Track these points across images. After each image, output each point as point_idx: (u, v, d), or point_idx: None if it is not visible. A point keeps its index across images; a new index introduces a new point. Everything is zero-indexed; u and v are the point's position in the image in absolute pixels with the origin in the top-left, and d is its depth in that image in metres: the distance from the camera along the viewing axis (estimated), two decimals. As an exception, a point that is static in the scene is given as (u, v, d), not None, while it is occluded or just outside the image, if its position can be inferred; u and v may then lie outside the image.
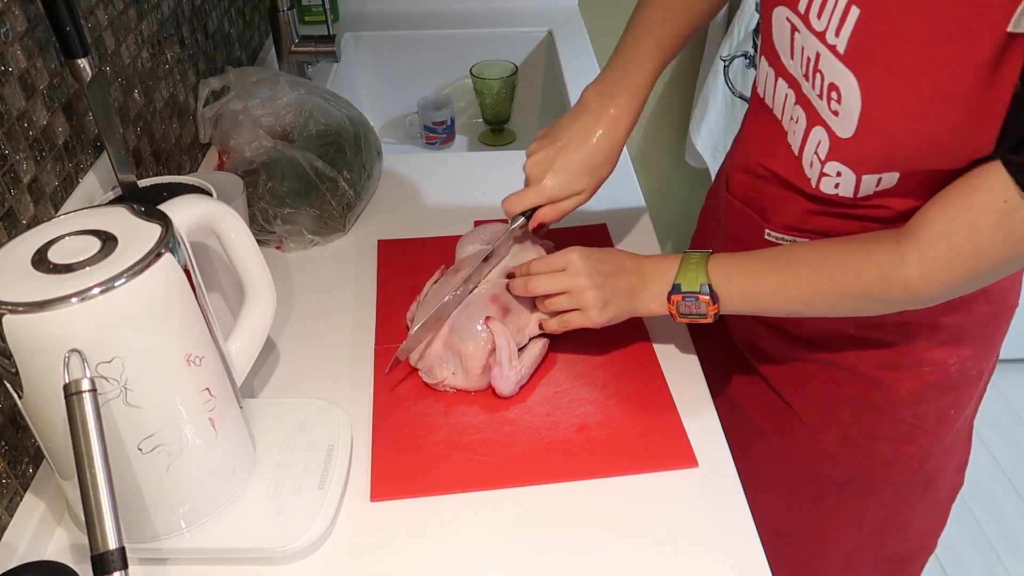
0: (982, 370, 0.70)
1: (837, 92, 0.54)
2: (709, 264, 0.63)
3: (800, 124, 0.60)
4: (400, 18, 1.45)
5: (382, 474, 0.62)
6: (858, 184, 0.57)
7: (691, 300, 0.63)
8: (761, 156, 0.67)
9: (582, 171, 0.70)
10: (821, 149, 0.58)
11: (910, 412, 0.69)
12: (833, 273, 0.59)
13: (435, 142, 1.35)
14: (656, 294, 0.65)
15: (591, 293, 0.65)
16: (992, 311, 0.67)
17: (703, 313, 0.64)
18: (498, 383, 0.67)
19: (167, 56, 0.91)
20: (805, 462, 0.75)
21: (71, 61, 0.59)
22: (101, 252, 0.48)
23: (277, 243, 0.88)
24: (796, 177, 0.63)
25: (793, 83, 0.60)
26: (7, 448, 0.58)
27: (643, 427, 0.66)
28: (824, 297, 0.60)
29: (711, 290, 0.63)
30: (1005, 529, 1.55)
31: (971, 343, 0.67)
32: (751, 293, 0.63)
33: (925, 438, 0.71)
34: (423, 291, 0.76)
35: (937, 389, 0.68)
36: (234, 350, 0.61)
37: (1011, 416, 1.78)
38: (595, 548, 0.57)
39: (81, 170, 0.70)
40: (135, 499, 0.52)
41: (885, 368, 0.68)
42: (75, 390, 0.44)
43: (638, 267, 0.67)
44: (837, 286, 0.59)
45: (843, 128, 0.55)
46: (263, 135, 0.89)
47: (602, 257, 0.67)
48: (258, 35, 1.30)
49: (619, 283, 0.66)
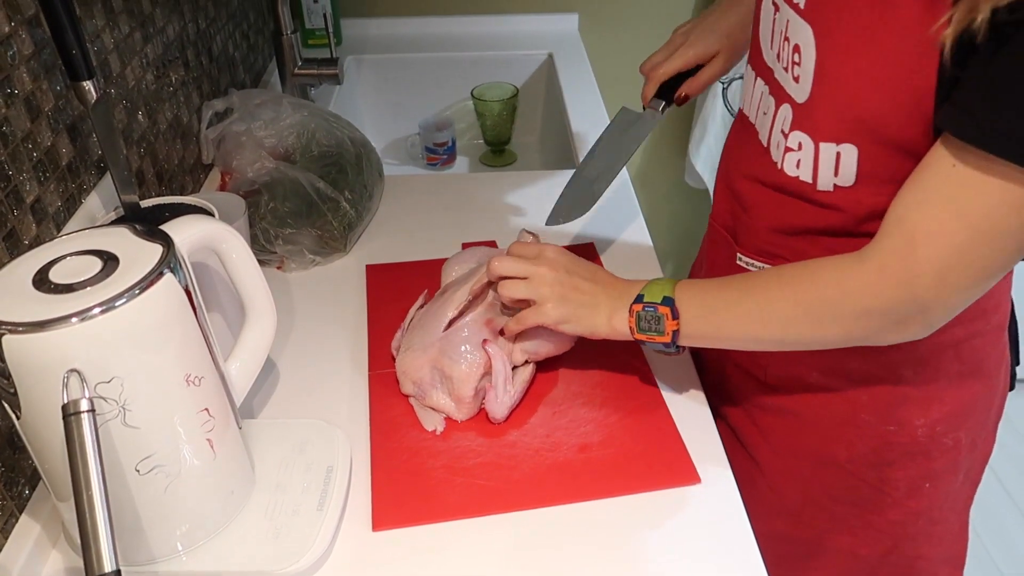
0: (958, 441, 0.65)
1: (799, 53, 0.55)
2: (678, 283, 0.62)
3: (769, 113, 0.61)
4: (402, 41, 1.46)
5: (383, 502, 0.61)
6: (816, 158, 0.56)
7: (651, 311, 0.61)
8: (737, 164, 0.68)
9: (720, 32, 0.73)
10: (785, 123, 0.58)
11: (874, 474, 0.66)
12: (790, 281, 0.56)
13: (436, 163, 1.35)
14: (618, 308, 0.63)
15: (550, 287, 0.64)
16: (964, 372, 0.63)
17: (661, 330, 0.61)
18: (491, 407, 0.66)
19: (171, 78, 0.92)
20: (771, 519, 0.71)
21: (76, 84, 0.60)
22: (102, 272, 0.48)
23: (278, 263, 0.88)
24: (764, 169, 0.62)
25: (767, 73, 0.61)
26: (3, 469, 0.57)
27: (644, 445, 0.65)
28: (779, 307, 0.56)
29: (672, 303, 0.60)
30: (1011, 551, 1.53)
31: (941, 405, 0.63)
32: (711, 305, 0.60)
33: (893, 511, 0.67)
34: (407, 318, 0.75)
35: (904, 453, 0.65)
36: (234, 370, 0.61)
37: (1014, 435, 1.77)
38: (600, 569, 0.57)
39: (84, 190, 0.71)
40: (132, 521, 0.52)
41: (843, 422, 0.66)
42: (74, 410, 0.44)
43: (611, 283, 0.65)
44: (793, 292, 0.56)
45: (802, 91, 0.55)
46: (265, 156, 0.89)
47: (578, 261, 0.66)
48: (262, 58, 1.32)
49: (582, 286, 0.64)
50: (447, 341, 0.67)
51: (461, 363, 0.66)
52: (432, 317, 0.69)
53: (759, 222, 0.65)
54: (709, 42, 0.75)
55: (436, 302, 0.72)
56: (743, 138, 0.67)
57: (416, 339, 0.69)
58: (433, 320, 0.69)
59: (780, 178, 0.60)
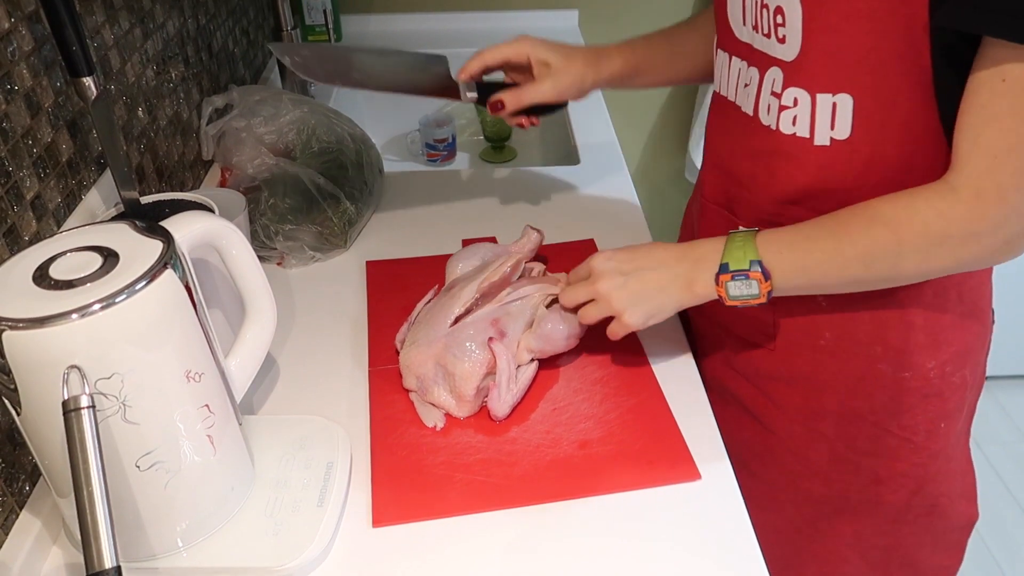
0: (964, 379, 0.68)
1: (782, 15, 0.56)
2: (757, 238, 0.60)
3: (752, 84, 0.62)
4: (401, 37, 1.46)
5: (383, 498, 0.61)
6: (813, 111, 0.57)
7: (741, 279, 0.60)
8: (726, 144, 0.68)
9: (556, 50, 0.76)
10: (776, 85, 0.59)
11: (895, 423, 0.68)
12: (888, 218, 0.56)
13: (436, 159, 1.35)
14: (701, 277, 0.62)
15: (616, 295, 0.63)
16: (965, 311, 0.66)
17: (755, 293, 0.60)
18: (494, 404, 0.66)
19: (171, 75, 0.91)
20: (795, 483, 0.74)
21: (76, 80, 0.60)
22: (102, 268, 0.48)
23: (278, 259, 0.88)
24: (754, 136, 0.63)
25: (745, 51, 0.62)
26: (3, 465, 0.57)
27: (644, 441, 0.65)
28: (884, 249, 0.56)
29: (762, 266, 0.59)
30: (1011, 548, 1.54)
31: (948, 346, 0.66)
32: (804, 262, 0.59)
33: (916, 455, 0.69)
34: (414, 311, 0.75)
35: (920, 397, 0.67)
36: (234, 367, 0.61)
37: (1015, 433, 1.78)
38: (600, 565, 0.57)
39: (84, 187, 0.71)
40: (132, 517, 0.52)
41: (862, 376, 0.67)
42: (74, 407, 0.44)
43: (678, 255, 0.64)
44: (894, 232, 0.55)
45: (792, 49, 0.57)
46: (265, 152, 0.89)
47: (628, 255, 0.65)
48: (262, 54, 1.31)
49: (648, 279, 0.63)
50: (452, 338, 0.67)
51: (465, 361, 0.66)
52: (438, 313, 0.69)
53: (758, 195, 0.65)
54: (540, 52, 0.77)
55: (443, 298, 0.72)
56: (724, 119, 0.68)
57: (421, 334, 0.69)
58: (439, 316, 0.69)
59: (775, 140, 0.61)
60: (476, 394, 0.67)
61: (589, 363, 0.73)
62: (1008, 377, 1.88)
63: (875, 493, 0.72)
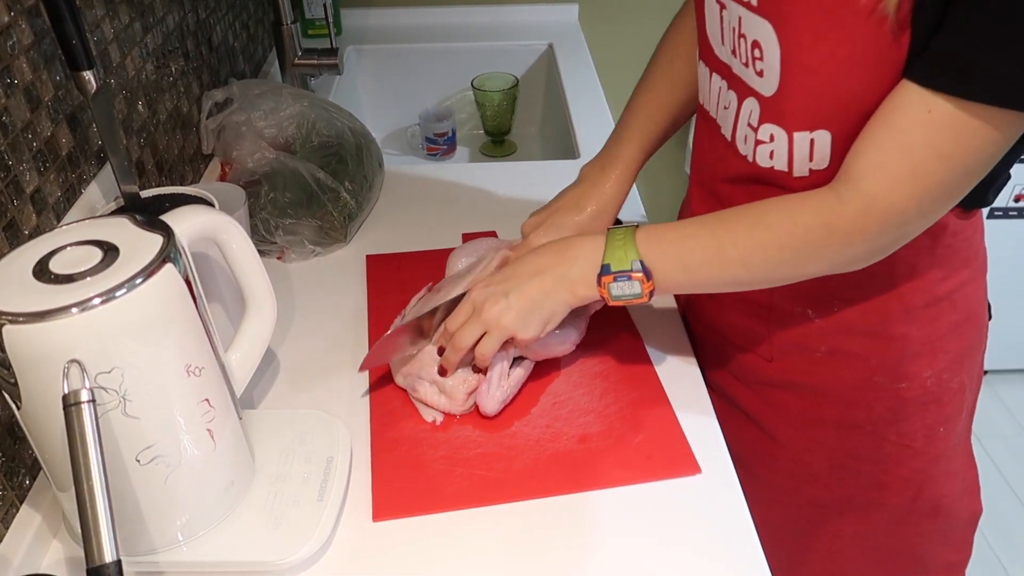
0: (963, 384, 0.68)
1: (760, 49, 0.55)
2: (637, 236, 0.60)
3: (731, 108, 0.61)
4: (402, 32, 1.46)
5: (383, 493, 0.61)
6: (791, 148, 0.57)
7: (623, 280, 0.59)
8: (709, 163, 0.68)
9: (568, 232, 0.71)
10: (752, 117, 0.58)
11: (894, 431, 0.68)
12: (770, 223, 0.56)
13: (436, 153, 1.35)
14: (582, 278, 0.61)
15: (505, 318, 0.61)
16: (960, 319, 0.66)
17: (638, 292, 0.60)
18: (483, 400, 0.65)
19: (171, 69, 0.91)
20: (797, 487, 0.74)
21: (76, 74, 0.60)
22: (102, 263, 0.48)
23: (278, 253, 0.88)
24: (733, 163, 0.62)
25: (724, 70, 0.61)
26: (4, 459, 0.57)
27: (644, 435, 0.65)
28: (764, 254, 0.57)
29: (643, 266, 0.59)
30: (1011, 543, 1.54)
31: (944, 355, 0.66)
32: (685, 261, 0.59)
33: (916, 460, 0.69)
34: (407, 307, 0.75)
35: (918, 405, 0.67)
36: (234, 361, 0.61)
37: (1015, 427, 1.78)
38: (600, 559, 0.57)
39: (84, 181, 0.70)
40: (132, 511, 0.52)
41: (860, 387, 0.67)
42: (74, 401, 0.44)
43: (555, 257, 0.63)
44: (776, 237, 0.56)
45: (769, 85, 0.55)
46: (265, 146, 0.89)
47: (502, 275, 0.64)
48: (262, 48, 1.31)
49: (529, 290, 0.62)
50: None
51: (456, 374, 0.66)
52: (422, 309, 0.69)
53: None
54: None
55: (432, 297, 0.71)
56: (707, 133, 0.67)
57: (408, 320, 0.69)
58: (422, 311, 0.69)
59: (753, 171, 0.61)
60: (468, 396, 0.66)
61: (589, 357, 0.73)
62: (1009, 371, 1.88)
63: (877, 497, 0.72)
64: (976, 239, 0.65)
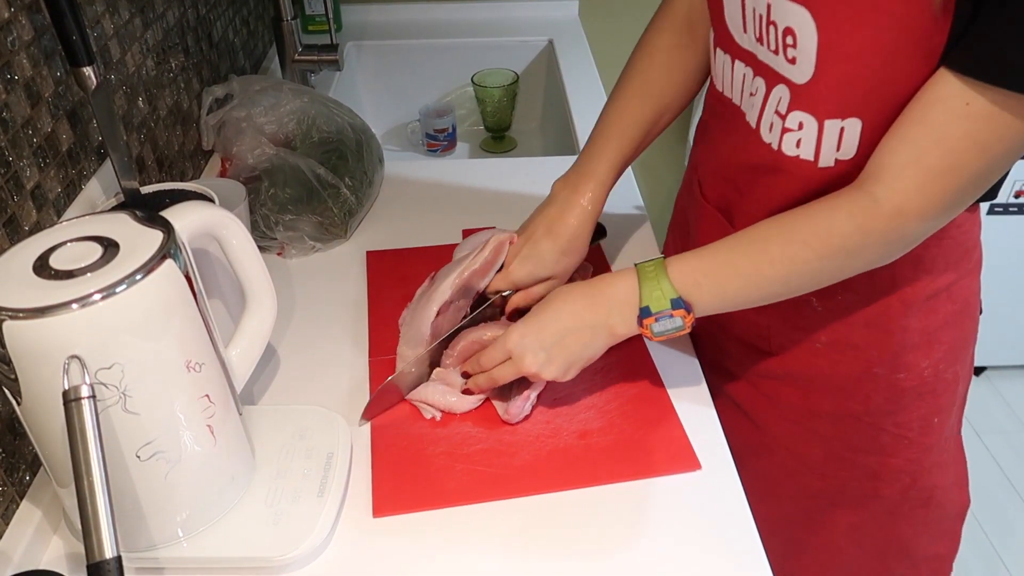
0: (957, 375, 0.69)
1: (792, 36, 0.54)
2: (670, 271, 0.59)
3: (759, 94, 0.60)
4: (402, 27, 1.45)
5: (384, 488, 0.61)
6: (820, 136, 0.56)
7: (665, 319, 0.59)
8: (722, 148, 0.67)
9: (547, 260, 0.71)
10: (781, 105, 0.58)
11: (890, 421, 0.68)
12: (806, 238, 0.55)
13: (436, 149, 1.35)
14: (621, 323, 0.61)
15: (546, 370, 0.62)
16: (957, 310, 0.66)
17: (680, 326, 0.60)
18: (514, 415, 0.66)
19: (171, 64, 0.91)
20: (792, 479, 0.74)
21: (76, 69, 0.60)
22: (102, 258, 0.48)
23: (279, 250, 0.88)
24: (755, 151, 0.61)
25: (749, 58, 0.60)
26: (4, 455, 0.57)
27: (645, 431, 0.65)
28: (803, 268, 0.56)
29: (683, 302, 0.59)
30: (1011, 539, 1.54)
31: (940, 345, 0.66)
32: (723, 289, 0.59)
33: (910, 450, 0.70)
34: (414, 299, 0.75)
35: (915, 396, 0.67)
36: (234, 357, 0.61)
37: (1015, 423, 1.78)
38: (600, 555, 0.57)
39: (84, 177, 0.70)
40: (132, 507, 0.52)
41: (858, 378, 0.67)
42: (74, 396, 0.44)
43: (589, 302, 0.62)
44: (813, 251, 0.55)
45: (802, 72, 0.55)
46: (266, 142, 0.89)
47: (538, 324, 0.63)
48: (262, 44, 1.31)
49: (569, 344, 0.62)
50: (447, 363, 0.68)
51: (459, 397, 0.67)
52: (423, 309, 0.70)
53: (757, 206, 0.65)
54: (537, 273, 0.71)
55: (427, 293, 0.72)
56: (728, 121, 0.66)
57: (411, 331, 0.70)
58: (423, 313, 0.69)
59: (777, 158, 0.60)
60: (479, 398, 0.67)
61: (589, 354, 0.73)
62: (1008, 367, 1.88)
63: (871, 487, 0.72)
64: (976, 232, 0.66)
